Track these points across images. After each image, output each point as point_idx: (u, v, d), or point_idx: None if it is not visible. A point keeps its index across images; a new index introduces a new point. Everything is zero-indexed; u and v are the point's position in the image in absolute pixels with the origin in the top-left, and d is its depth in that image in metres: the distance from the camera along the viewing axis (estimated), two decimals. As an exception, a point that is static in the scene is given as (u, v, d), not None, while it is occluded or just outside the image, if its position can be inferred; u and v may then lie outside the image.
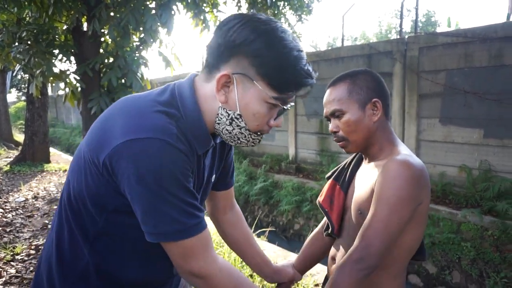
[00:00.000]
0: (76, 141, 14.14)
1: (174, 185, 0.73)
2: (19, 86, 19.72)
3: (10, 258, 3.14)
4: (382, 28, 24.58)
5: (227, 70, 0.78)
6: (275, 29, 0.77)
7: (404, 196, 0.91)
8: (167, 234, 0.75)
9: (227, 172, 1.14)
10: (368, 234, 0.92)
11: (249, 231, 1.24)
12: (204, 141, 0.83)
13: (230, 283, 0.82)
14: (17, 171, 7.43)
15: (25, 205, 5.00)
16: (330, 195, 1.19)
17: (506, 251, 3.87)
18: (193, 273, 0.80)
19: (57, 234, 0.87)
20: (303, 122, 6.96)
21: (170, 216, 0.74)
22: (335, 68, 6.29)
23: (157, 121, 0.73)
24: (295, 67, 0.78)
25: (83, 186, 0.80)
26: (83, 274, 0.84)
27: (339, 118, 1.07)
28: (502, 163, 4.39)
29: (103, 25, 3.83)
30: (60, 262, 0.86)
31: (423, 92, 5.05)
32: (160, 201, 0.72)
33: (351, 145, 1.08)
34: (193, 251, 0.78)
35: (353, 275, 0.90)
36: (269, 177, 6.99)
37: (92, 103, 4.20)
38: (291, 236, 6.27)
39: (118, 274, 0.86)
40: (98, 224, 0.81)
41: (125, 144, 0.71)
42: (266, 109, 0.80)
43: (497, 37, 4.29)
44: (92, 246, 0.83)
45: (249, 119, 0.81)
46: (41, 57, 3.81)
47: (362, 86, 1.06)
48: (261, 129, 0.84)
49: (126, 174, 0.71)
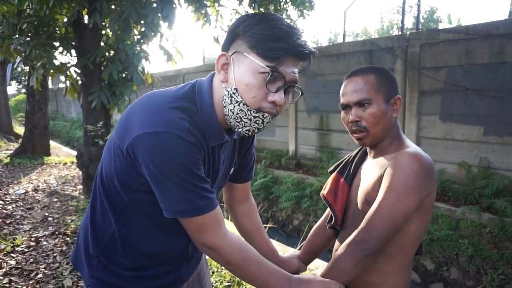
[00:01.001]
0: (76, 134, 14.13)
1: (184, 172, 0.83)
2: (19, 79, 19.68)
3: (10, 249, 3.16)
4: (384, 24, 24.48)
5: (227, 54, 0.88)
6: (268, 13, 0.86)
7: (412, 186, 0.93)
8: (181, 212, 0.87)
9: (246, 166, 1.22)
10: (372, 219, 0.95)
11: (260, 222, 1.32)
12: (217, 134, 0.92)
13: (238, 255, 0.93)
14: (17, 164, 7.45)
15: (25, 198, 5.02)
16: (334, 188, 1.20)
17: (504, 248, 3.89)
18: (206, 245, 0.91)
19: (92, 206, 1.03)
20: (303, 118, 6.96)
21: (183, 198, 0.85)
22: (336, 64, 6.28)
23: (170, 116, 0.83)
24: (285, 37, 0.82)
25: (113, 168, 0.92)
26: (111, 240, 0.99)
27: (364, 108, 1.06)
28: (502, 160, 4.40)
29: (104, 18, 3.82)
30: (93, 229, 1.02)
31: (424, 88, 5.05)
32: (174, 185, 0.84)
33: (369, 137, 1.07)
34: (205, 227, 0.89)
35: (354, 255, 0.94)
36: (269, 173, 7.01)
37: (93, 96, 4.20)
38: (290, 231, 6.30)
39: (138, 245, 0.99)
40: (124, 200, 0.95)
41: (142, 136, 0.82)
42: (260, 80, 0.83)
43: (499, 34, 4.28)
44: (119, 218, 0.97)
45: (244, 91, 0.85)
46: (41, 49, 3.80)
47: (387, 82, 1.08)
48: (260, 105, 0.86)
49: (144, 162, 0.83)
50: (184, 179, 0.83)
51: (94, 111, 4.42)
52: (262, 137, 7.92)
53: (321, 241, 1.32)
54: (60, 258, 3.01)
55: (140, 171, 0.87)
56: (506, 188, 4.26)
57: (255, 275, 0.94)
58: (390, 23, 23.83)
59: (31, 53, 3.83)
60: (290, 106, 7.11)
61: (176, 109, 0.85)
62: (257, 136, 5.53)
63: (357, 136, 1.09)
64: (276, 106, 0.87)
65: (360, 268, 0.95)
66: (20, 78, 19.50)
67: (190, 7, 4.50)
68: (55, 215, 4.21)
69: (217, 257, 0.93)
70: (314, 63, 6.61)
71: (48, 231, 3.67)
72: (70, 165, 7.60)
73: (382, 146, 1.11)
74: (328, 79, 6.42)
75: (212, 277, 2.45)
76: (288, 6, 6.12)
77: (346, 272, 0.95)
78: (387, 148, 1.10)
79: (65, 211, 4.38)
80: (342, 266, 0.95)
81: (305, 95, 6.84)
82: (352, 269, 0.95)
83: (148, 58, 4.37)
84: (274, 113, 0.88)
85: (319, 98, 6.59)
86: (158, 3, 3.82)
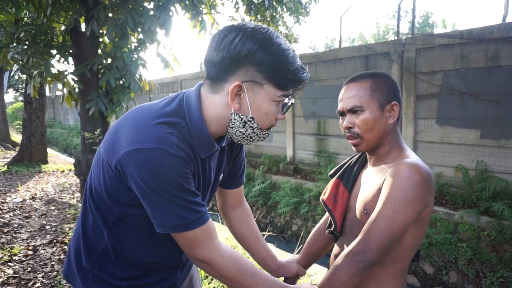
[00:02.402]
0: (74, 142, 14.10)
1: (174, 187, 0.84)
2: (16, 87, 19.65)
3: (8, 258, 3.14)
4: (379, 29, 24.65)
5: (237, 80, 0.88)
6: (272, 36, 0.87)
7: (410, 198, 0.93)
8: (172, 226, 0.87)
9: (237, 171, 1.23)
10: (370, 230, 0.95)
11: (255, 227, 1.31)
12: (207, 146, 0.93)
13: (232, 267, 0.92)
14: (15, 172, 7.42)
15: (23, 206, 4.99)
16: (334, 193, 1.20)
17: (502, 251, 3.90)
18: (200, 259, 0.92)
19: (83, 219, 1.03)
20: (301, 123, 6.98)
21: (173, 213, 0.85)
22: (333, 69, 6.32)
23: (158, 132, 0.83)
24: (294, 66, 0.89)
25: (102, 182, 0.92)
26: (104, 253, 0.99)
27: (356, 114, 1.07)
28: (498, 163, 4.43)
29: (101, 26, 3.84)
30: (85, 242, 1.01)
31: (420, 93, 5.08)
32: (164, 201, 0.84)
33: (364, 144, 1.08)
34: (198, 241, 0.90)
35: (352, 266, 0.94)
36: (267, 178, 7.01)
37: (90, 104, 4.20)
38: (288, 237, 6.28)
39: (131, 256, 0.99)
40: (115, 214, 0.95)
41: (131, 152, 0.82)
42: (275, 107, 0.92)
43: (493, 38, 4.32)
44: (111, 231, 0.97)
45: (262, 118, 0.92)
46: (39, 58, 3.81)
47: (383, 87, 1.08)
48: (272, 124, 0.96)
49: (133, 178, 0.83)
50: (174, 194, 0.84)
51: (91, 119, 4.42)
52: (260, 143, 7.93)
53: (320, 245, 1.32)
54: (58, 266, 2.99)
55: (130, 186, 0.87)
56: (503, 191, 4.28)
57: (250, 287, 0.94)
58: (386, 28, 24.00)
59: (28, 62, 3.83)
60: (288, 112, 7.12)
61: (164, 124, 0.85)
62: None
63: (351, 142, 1.11)
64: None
65: (358, 279, 0.96)
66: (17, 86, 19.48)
67: (187, 14, 4.52)
68: (53, 224, 4.19)
69: (211, 271, 0.93)
70: (311, 69, 6.65)
71: (46, 239, 3.65)
72: (68, 172, 7.57)
73: (381, 153, 1.11)
74: (325, 85, 6.46)
75: (211, 284, 2.44)
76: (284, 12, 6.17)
77: (344, 283, 0.95)
78: (386, 155, 1.10)
79: (63, 219, 4.35)
80: (340, 278, 0.95)
81: (303, 101, 6.87)
82: (350, 280, 0.95)
83: (145, 65, 4.38)
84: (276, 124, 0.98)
85: (316, 103, 6.62)
86: (155, 10, 3.85)
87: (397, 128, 1.12)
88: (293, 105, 6.97)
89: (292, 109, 7.04)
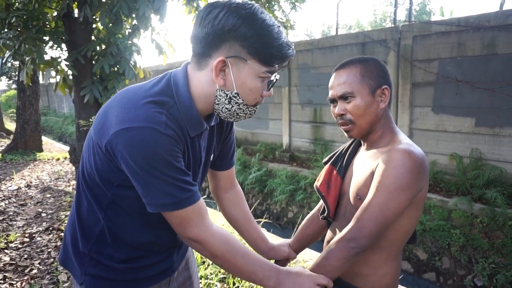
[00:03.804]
0: (69, 130, 14.00)
1: (164, 165, 0.84)
2: (9, 74, 19.37)
3: (4, 246, 3.14)
4: (377, 16, 24.44)
5: (221, 55, 0.87)
6: (255, 12, 0.86)
7: (404, 185, 0.94)
8: (163, 205, 0.87)
9: (227, 153, 1.22)
10: (363, 217, 0.95)
11: (247, 210, 1.32)
12: (196, 124, 0.93)
13: (223, 246, 0.93)
14: (9, 160, 7.38)
15: (18, 194, 4.98)
16: (327, 180, 1.21)
17: (494, 238, 3.96)
18: (191, 238, 0.92)
19: (77, 203, 1.03)
20: (297, 111, 6.97)
21: (163, 191, 0.86)
22: (330, 56, 6.28)
23: (147, 111, 0.84)
24: (278, 42, 0.88)
25: (93, 164, 0.93)
26: (100, 236, 0.99)
27: (348, 101, 1.06)
28: (493, 151, 4.46)
29: (95, 11, 3.77)
30: (81, 227, 1.02)
31: (416, 80, 5.08)
32: (154, 179, 0.84)
33: (356, 129, 1.08)
34: (188, 220, 0.90)
35: (344, 252, 0.95)
36: (263, 166, 7.03)
37: (85, 91, 4.16)
38: (284, 224, 6.34)
39: (127, 237, 1.00)
40: (108, 197, 0.95)
41: (120, 132, 0.82)
42: (260, 83, 0.91)
43: (490, 26, 4.30)
44: (106, 213, 0.97)
45: (247, 94, 0.91)
46: (31, 44, 3.74)
47: (373, 72, 1.07)
48: (257, 101, 0.95)
49: (123, 158, 0.84)
50: (164, 173, 0.84)
51: (86, 106, 4.38)
52: (256, 130, 7.92)
53: (313, 230, 1.33)
54: (54, 253, 3.00)
55: (120, 167, 0.87)
56: (496, 179, 4.32)
57: (241, 267, 0.95)
58: (383, 16, 23.81)
59: (20, 48, 3.77)
60: (284, 99, 7.11)
61: (152, 103, 0.86)
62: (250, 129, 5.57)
63: (343, 128, 1.10)
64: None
65: (349, 264, 0.97)
66: (10, 74, 19.21)
67: (182, 0, 4.45)
68: (49, 211, 4.19)
69: (202, 250, 0.93)
70: (308, 56, 6.61)
71: (42, 227, 3.65)
72: (63, 160, 7.54)
73: (374, 138, 1.10)
74: (321, 72, 6.43)
75: (207, 270, 2.47)
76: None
77: (335, 268, 0.97)
78: (379, 140, 1.10)
79: (59, 206, 4.35)
80: (332, 263, 0.96)
81: (299, 88, 6.84)
82: (341, 266, 0.96)
83: (139, 52, 4.32)
84: (262, 101, 0.96)
85: (313, 91, 6.60)
86: (150, -5, 3.77)
87: (388, 112, 1.11)
88: (289, 93, 6.96)
89: (289, 97, 7.02)
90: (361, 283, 1.08)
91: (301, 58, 6.73)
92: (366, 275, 1.07)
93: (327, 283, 0.96)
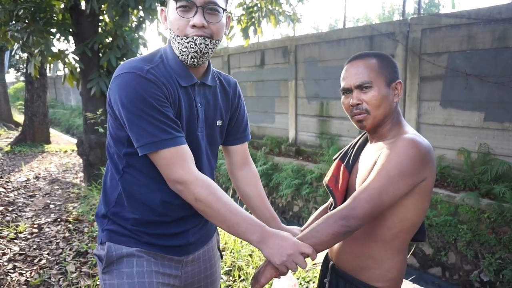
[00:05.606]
0: (76, 122, 14.11)
1: (145, 105, 0.94)
2: (17, 66, 19.53)
3: (14, 236, 3.19)
4: (385, 9, 24.13)
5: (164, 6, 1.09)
6: None
7: (405, 171, 0.93)
8: (145, 145, 0.95)
9: (240, 125, 1.27)
10: (360, 197, 0.95)
11: (261, 188, 1.33)
12: (185, 75, 1.05)
13: (206, 190, 0.97)
14: (18, 152, 7.46)
15: (27, 185, 5.04)
16: (336, 174, 1.21)
17: (502, 233, 3.93)
18: (176, 180, 0.97)
19: (105, 177, 1.16)
20: (303, 105, 6.94)
21: (145, 130, 0.95)
22: (337, 50, 6.22)
23: (134, 63, 1.00)
24: None
25: (110, 130, 1.06)
26: (118, 199, 1.09)
27: (365, 91, 1.06)
28: (502, 146, 4.41)
29: (101, 3, 3.77)
30: (104, 193, 1.14)
31: (425, 74, 5.02)
32: (137, 119, 0.95)
33: (370, 119, 1.07)
34: (173, 161, 0.97)
35: (334, 228, 0.95)
36: (269, 160, 7.03)
37: (92, 84, 4.18)
38: (290, 218, 6.36)
39: (141, 196, 1.07)
40: (123, 160, 1.06)
41: (113, 80, 1.00)
42: (178, 13, 1.00)
43: (501, 18, 4.23)
44: (122, 177, 1.08)
45: (173, 27, 1.02)
46: (39, 36, 3.76)
47: (388, 66, 1.08)
48: (185, 32, 1.00)
49: (115, 102, 0.98)
50: (146, 112, 0.94)
51: (93, 99, 4.41)
52: (262, 124, 7.91)
53: None
54: (63, 244, 3.04)
55: (119, 117, 0.99)
56: (505, 174, 4.28)
57: (224, 214, 0.96)
58: (391, 8, 23.50)
59: (28, 40, 3.79)
60: (290, 93, 7.07)
61: (141, 60, 1.02)
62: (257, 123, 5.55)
63: (357, 118, 1.09)
64: (201, 28, 0.99)
65: (337, 241, 0.97)
66: (18, 66, 19.36)
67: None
68: (57, 202, 4.24)
69: (187, 193, 0.97)
70: (315, 49, 6.56)
71: (50, 218, 3.70)
72: (71, 153, 7.61)
73: (382, 131, 1.10)
74: (328, 65, 6.38)
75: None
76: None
77: (322, 242, 0.97)
78: (387, 133, 1.10)
79: (67, 198, 4.40)
80: (320, 236, 0.96)
81: (305, 82, 6.81)
82: (328, 241, 0.96)
83: (146, 44, 4.33)
84: (202, 34, 0.99)
85: (319, 85, 6.56)
86: (156, -12, 3.76)
87: (398, 107, 1.13)
88: (296, 87, 6.91)
89: (295, 90, 6.99)
90: (366, 276, 1.07)
91: (308, 52, 6.68)
92: (371, 269, 1.06)
93: (311, 253, 0.96)
